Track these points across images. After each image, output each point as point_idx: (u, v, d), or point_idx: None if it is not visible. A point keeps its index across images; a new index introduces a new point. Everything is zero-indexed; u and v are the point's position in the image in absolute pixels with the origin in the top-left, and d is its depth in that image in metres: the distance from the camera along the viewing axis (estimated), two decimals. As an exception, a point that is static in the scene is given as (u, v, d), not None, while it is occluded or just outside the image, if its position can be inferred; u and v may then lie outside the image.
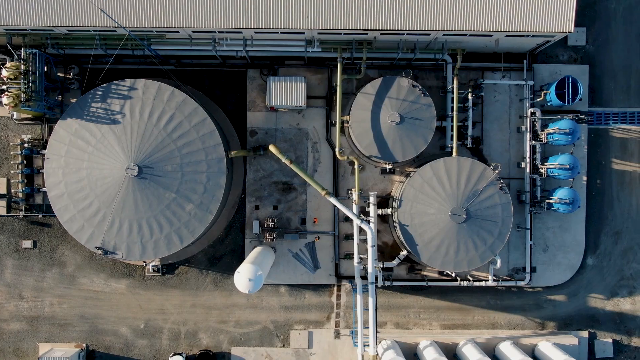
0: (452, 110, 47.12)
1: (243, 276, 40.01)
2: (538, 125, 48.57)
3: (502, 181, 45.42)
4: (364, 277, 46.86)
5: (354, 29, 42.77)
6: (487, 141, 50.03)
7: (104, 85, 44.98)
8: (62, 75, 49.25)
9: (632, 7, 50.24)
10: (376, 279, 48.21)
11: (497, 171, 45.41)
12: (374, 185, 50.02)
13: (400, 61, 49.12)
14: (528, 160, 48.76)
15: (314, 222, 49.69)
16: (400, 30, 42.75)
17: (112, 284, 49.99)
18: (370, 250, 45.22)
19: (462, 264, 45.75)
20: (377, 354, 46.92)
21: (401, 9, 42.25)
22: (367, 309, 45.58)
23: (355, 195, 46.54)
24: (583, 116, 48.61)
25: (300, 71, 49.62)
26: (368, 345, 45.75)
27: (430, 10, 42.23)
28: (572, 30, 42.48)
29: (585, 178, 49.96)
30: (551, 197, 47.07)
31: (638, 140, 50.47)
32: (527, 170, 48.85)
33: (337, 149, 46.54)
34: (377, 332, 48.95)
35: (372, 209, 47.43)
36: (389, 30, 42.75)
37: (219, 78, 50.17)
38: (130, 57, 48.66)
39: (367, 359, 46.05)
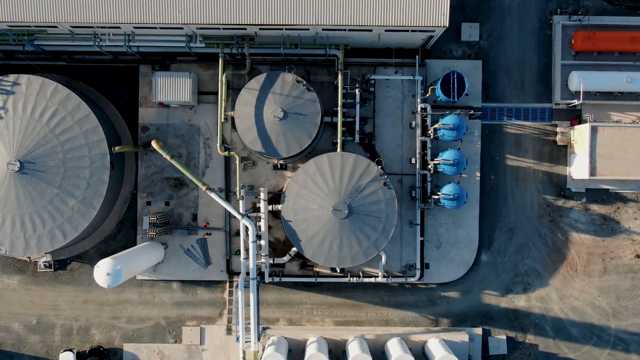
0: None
1: (101, 270, 39.90)
2: (429, 121, 48.36)
3: (386, 177, 45.16)
4: (253, 273, 46.64)
5: (231, 24, 42.63)
6: (380, 137, 49.78)
7: (-13, 80, 45.10)
8: (-47, 71, 49.32)
9: (527, 3, 49.83)
10: (263, 275, 48.30)
11: (380, 166, 45.19)
12: (266, 181, 49.87)
13: (292, 57, 48.90)
14: (418, 156, 48.53)
15: (204, 225, 49.47)
16: (277, 25, 42.60)
17: (4, 280, 49.90)
18: (251, 245, 45.09)
19: (346, 260, 45.50)
20: (263, 349, 46.84)
21: (276, 3, 42.02)
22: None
23: (238, 191, 46.37)
24: (472, 111, 48.40)
25: (191, 67, 49.53)
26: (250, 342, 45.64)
27: (305, 4, 41.98)
28: (447, 25, 42.16)
29: (478, 174, 49.61)
30: (438, 193, 46.82)
31: (532, 137, 50.06)
32: (418, 166, 48.63)
33: (217, 145, 46.29)
34: (266, 328, 49.05)
35: (262, 205, 47.31)
36: (266, 25, 42.58)
37: (110, 74, 50.06)
38: (22, 53, 48.64)
39: (249, 356, 45.99)
